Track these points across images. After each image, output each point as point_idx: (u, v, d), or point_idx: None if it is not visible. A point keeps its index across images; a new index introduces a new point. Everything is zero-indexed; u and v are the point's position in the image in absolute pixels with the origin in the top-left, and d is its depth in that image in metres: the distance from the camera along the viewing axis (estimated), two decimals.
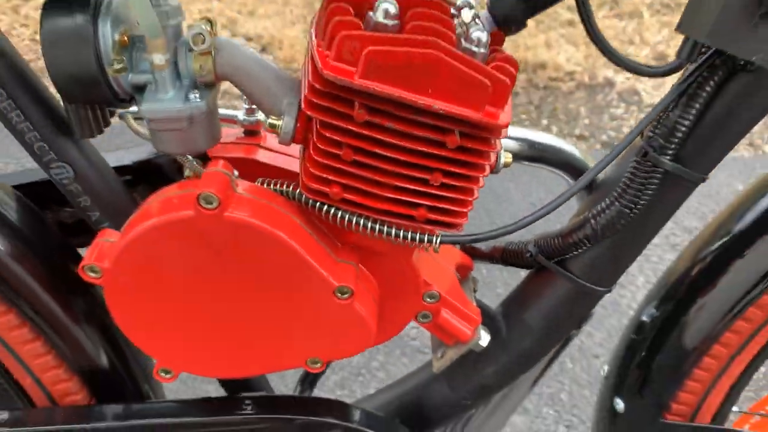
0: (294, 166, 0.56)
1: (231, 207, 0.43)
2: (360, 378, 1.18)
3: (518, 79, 1.98)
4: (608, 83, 2.01)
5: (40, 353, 0.55)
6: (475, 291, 0.59)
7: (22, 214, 0.54)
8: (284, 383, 1.11)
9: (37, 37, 2.08)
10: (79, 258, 0.57)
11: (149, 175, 0.55)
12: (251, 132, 0.57)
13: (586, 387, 1.20)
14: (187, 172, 0.52)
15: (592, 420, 0.71)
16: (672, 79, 0.47)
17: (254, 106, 0.56)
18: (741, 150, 1.82)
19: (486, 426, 0.67)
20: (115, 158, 0.54)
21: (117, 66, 0.41)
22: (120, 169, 0.54)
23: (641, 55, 2.12)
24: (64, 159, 0.48)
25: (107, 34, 0.42)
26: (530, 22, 0.46)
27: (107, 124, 0.48)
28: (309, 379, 0.67)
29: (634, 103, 1.95)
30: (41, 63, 0.43)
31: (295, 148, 0.50)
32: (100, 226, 0.51)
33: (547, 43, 2.12)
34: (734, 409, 0.67)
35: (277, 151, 0.57)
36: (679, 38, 0.44)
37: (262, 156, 0.56)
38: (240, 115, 0.57)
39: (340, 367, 1.20)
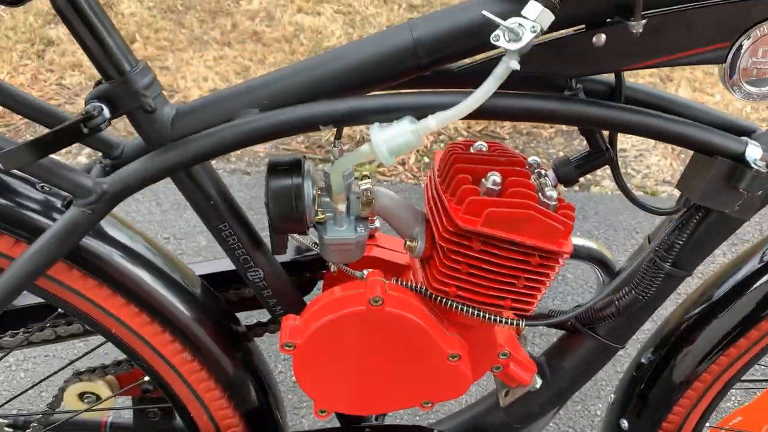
0: (395, 258, 0.78)
1: (389, 304, 0.64)
2: None
3: (505, 126, 2.22)
4: (550, 139, 2.25)
5: (217, 397, 0.76)
6: (525, 346, 0.81)
7: (204, 295, 0.75)
8: None
9: (63, 81, 2.25)
10: (238, 322, 0.79)
11: (299, 269, 0.77)
12: (370, 235, 0.78)
13: (578, 403, 1.44)
14: (333, 269, 0.74)
15: None
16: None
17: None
18: None
19: None
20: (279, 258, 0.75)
21: (320, 216, 0.63)
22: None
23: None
24: (258, 266, 0.69)
25: (309, 191, 0.63)
26: None
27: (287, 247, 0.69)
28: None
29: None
30: (69, 107, 0.62)
31: (397, 245, 0.73)
32: (275, 309, 0.72)
33: None
34: (707, 425, 0.91)
35: (385, 248, 0.78)
36: None
37: (377, 252, 0.78)
38: None
39: None
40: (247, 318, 0.78)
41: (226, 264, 0.78)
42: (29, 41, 2.40)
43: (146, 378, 0.84)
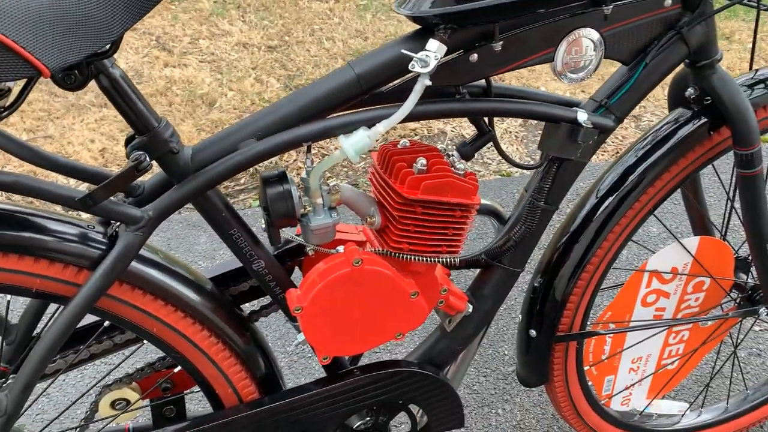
0: (353, 237, 1.03)
1: (366, 264, 0.90)
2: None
3: (412, 127, 2.52)
4: (442, 133, 2.62)
5: (238, 369, 0.97)
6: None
7: (215, 291, 0.96)
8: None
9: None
10: (242, 310, 1.00)
11: (283, 258, 1.00)
12: None
13: (489, 347, 1.75)
14: (311, 252, 0.98)
15: (516, 347, 1.25)
16: None
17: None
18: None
19: (464, 361, 1.17)
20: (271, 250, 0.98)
21: (307, 209, 0.87)
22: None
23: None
24: (260, 258, 0.92)
25: (294, 192, 0.87)
26: None
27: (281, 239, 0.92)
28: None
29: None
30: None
31: (348, 229, 0.99)
32: (275, 290, 0.95)
33: None
34: (589, 322, 1.23)
35: (343, 231, 1.03)
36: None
37: (339, 236, 1.02)
38: None
39: None
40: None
41: (225, 267, 1.00)
42: None
43: (164, 378, 1.03)
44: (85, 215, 0.81)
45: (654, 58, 0.97)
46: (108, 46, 0.71)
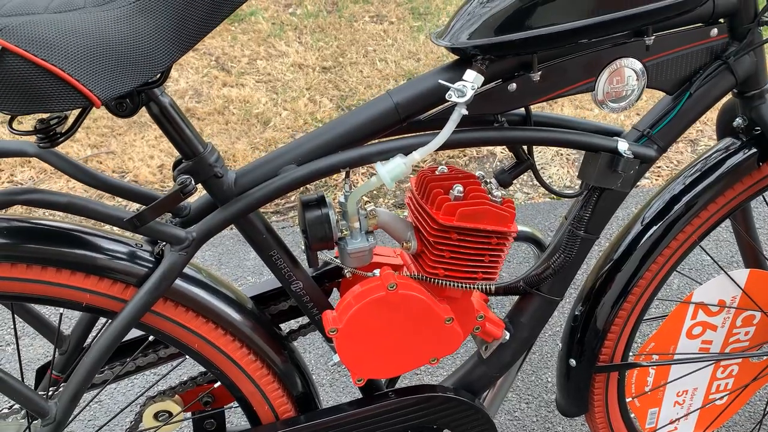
0: (390, 261, 1.04)
1: (401, 288, 0.91)
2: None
3: (453, 154, 2.54)
4: (491, 154, 2.61)
5: (275, 387, 0.99)
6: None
7: (255, 310, 0.99)
8: None
9: (16, 178, 2.40)
10: (281, 329, 1.03)
11: (321, 280, 1.02)
12: None
13: (532, 374, 1.73)
14: (348, 275, 0.99)
15: (556, 376, 1.23)
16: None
17: None
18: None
19: (502, 388, 1.17)
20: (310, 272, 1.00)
21: (345, 233, 0.89)
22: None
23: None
24: (298, 279, 0.94)
25: (333, 217, 0.90)
26: None
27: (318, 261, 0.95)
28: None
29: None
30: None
31: (386, 252, 1.00)
32: (312, 311, 0.97)
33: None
34: (630, 354, 1.21)
35: (380, 255, 1.05)
36: None
37: (376, 258, 1.04)
38: None
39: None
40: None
41: (265, 286, 1.03)
42: None
43: (206, 393, 1.06)
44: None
45: (699, 88, 0.95)
46: (158, 76, 0.75)
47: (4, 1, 0.65)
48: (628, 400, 1.25)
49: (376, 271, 0.95)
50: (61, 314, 0.98)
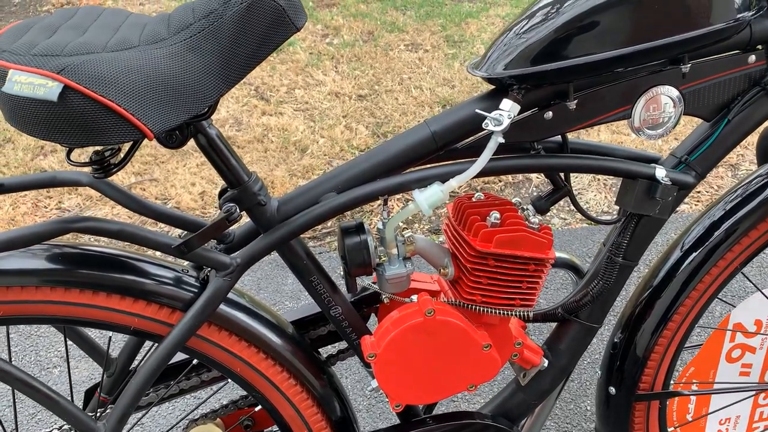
0: (428, 287, 1.05)
1: (439, 314, 0.92)
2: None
3: (489, 180, 2.55)
4: (527, 179, 2.61)
5: (314, 412, 1.00)
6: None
7: (295, 335, 1.00)
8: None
9: (62, 205, 2.48)
10: (320, 354, 1.04)
11: (360, 305, 1.03)
12: None
13: (571, 402, 1.71)
14: (386, 300, 1.01)
15: (595, 404, 1.22)
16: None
17: None
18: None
19: (540, 416, 1.16)
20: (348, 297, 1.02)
21: (383, 259, 0.91)
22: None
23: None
24: (338, 304, 0.96)
25: (371, 243, 0.91)
26: None
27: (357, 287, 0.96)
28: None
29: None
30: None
31: (425, 278, 1.01)
32: (351, 336, 0.98)
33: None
34: (671, 381, 1.19)
35: (418, 280, 1.06)
36: None
37: (414, 284, 1.05)
38: None
39: None
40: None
41: (305, 311, 1.05)
42: (23, 174, 2.63)
43: (246, 416, 1.08)
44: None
45: (737, 115, 0.95)
46: (206, 109, 0.78)
47: (66, 41, 0.70)
48: (670, 429, 1.23)
49: (414, 297, 0.96)
50: (110, 338, 1.02)
